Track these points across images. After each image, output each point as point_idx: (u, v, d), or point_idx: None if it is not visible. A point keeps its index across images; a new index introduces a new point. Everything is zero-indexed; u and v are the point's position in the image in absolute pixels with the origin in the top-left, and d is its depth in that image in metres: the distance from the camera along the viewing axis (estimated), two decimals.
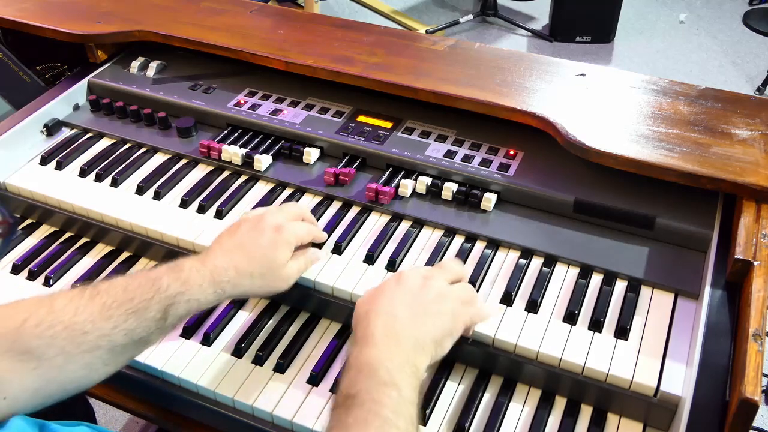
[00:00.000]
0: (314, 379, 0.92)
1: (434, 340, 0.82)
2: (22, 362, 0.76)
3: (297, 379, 0.93)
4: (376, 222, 1.09)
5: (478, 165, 1.10)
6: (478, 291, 0.97)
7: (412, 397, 0.75)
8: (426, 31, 3.84)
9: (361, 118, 1.21)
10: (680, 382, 0.83)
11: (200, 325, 1.00)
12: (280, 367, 0.94)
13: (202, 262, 0.88)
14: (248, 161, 1.17)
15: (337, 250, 1.03)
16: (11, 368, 0.75)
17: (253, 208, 1.10)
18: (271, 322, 1.01)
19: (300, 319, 1.01)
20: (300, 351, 0.97)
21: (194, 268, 0.87)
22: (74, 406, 1.29)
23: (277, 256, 0.92)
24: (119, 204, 1.13)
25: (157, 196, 1.14)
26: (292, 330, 0.99)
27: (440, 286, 0.87)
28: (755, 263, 0.86)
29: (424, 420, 0.87)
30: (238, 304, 1.03)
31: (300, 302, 1.02)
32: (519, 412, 0.89)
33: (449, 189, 1.08)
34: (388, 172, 1.13)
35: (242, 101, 1.26)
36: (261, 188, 1.15)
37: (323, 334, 0.99)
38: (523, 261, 1.01)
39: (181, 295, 0.84)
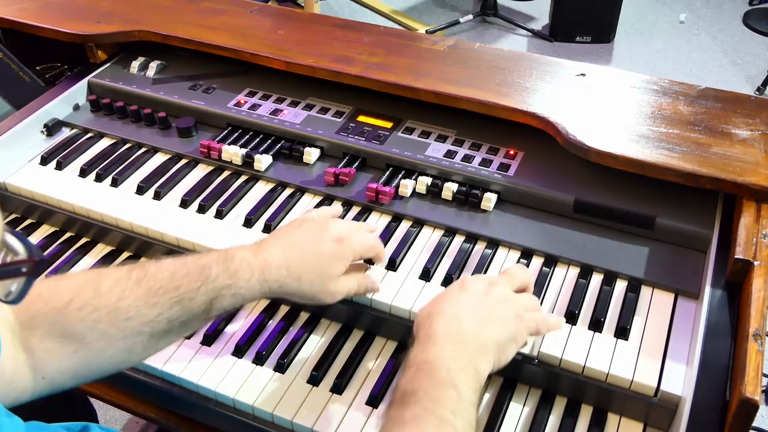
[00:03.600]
0: (315, 380, 0.92)
1: (498, 345, 0.80)
2: (63, 344, 0.75)
3: (297, 379, 0.93)
4: (376, 222, 1.08)
5: (478, 165, 1.10)
6: None
7: (473, 399, 0.73)
8: (426, 31, 3.84)
9: (361, 118, 1.21)
10: (680, 382, 0.83)
11: None
12: (281, 367, 0.94)
13: (255, 255, 0.85)
14: (248, 161, 1.17)
15: None
16: (51, 349, 0.75)
17: (254, 207, 1.10)
18: (271, 321, 1.01)
19: (300, 319, 1.01)
20: (300, 351, 0.97)
21: (245, 260, 0.84)
22: (75, 406, 1.29)
23: (331, 267, 0.89)
24: (119, 204, 1.13)
25: (157, 196, 1.14)
26: (293, 330, 0.99)
27: (505, 292, 0.86)
28: (755, 263, 0.86)
29: None
30: None
31: (299, 302, 1.02)
32: (519, 412, 0.89)
33: (449, 189, 1.08)
34: (388, 172, 1.13)
35: (242, 101, 1.26)
36: (261, 188, 1.15)
37: (323, 335, 0.99)
38: (523, 261, 1.01)
39: (228, 288, 0.82)
